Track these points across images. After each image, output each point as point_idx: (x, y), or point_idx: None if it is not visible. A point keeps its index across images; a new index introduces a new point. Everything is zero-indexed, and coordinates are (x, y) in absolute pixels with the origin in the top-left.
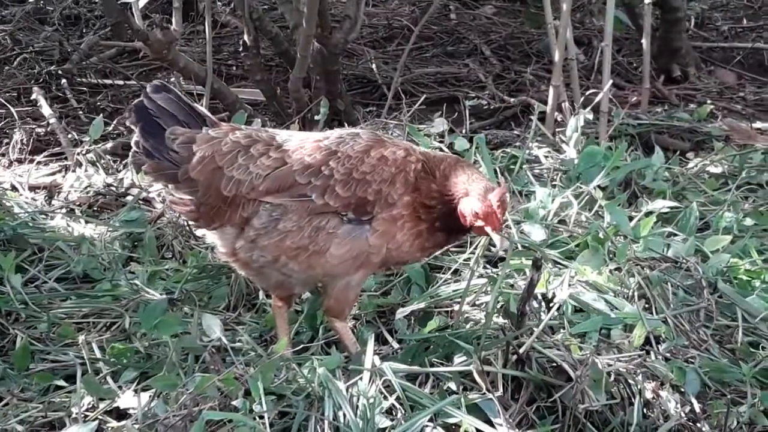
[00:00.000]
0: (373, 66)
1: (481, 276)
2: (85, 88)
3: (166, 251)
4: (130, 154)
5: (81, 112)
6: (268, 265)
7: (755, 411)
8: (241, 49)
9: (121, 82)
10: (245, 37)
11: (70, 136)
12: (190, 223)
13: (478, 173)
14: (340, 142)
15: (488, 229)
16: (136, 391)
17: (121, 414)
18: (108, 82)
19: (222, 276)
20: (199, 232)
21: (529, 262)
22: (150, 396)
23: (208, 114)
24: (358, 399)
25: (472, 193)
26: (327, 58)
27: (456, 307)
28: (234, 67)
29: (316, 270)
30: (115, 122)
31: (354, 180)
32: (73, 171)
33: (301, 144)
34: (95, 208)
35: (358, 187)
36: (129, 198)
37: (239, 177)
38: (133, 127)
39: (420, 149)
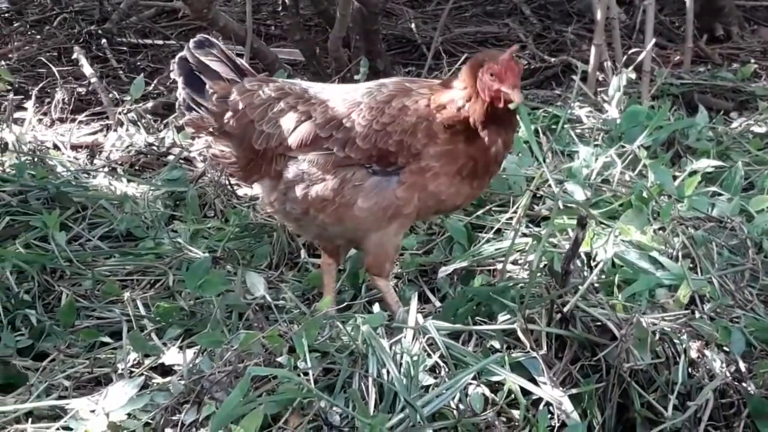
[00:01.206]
0: (413, 26)
1: (524, 235)
2: (125, 48)
3: (209, 210)
4: (176, 106)
5: (121, 72)
6: (302, 218)
7: None
8: (280, 8)
9: (160, 42)
10: None
11: (111, 95)
12: (232, 179)
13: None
14: (366, 93)
15: (506, 87)
16: (181, 347)
17: (166, 370)
18: (148, 41)
19: (264, 234)
20: (241, 191)
21: (573, 222)
22: (195, 353)
23: (249, 69)
24: (402, 357)
25: (488, 60)
26: (366, 18)
27: (499, 266)
28: (273, 27)
29: (346, 223)
30: (155, 82)
31: (374, 131)
32: (115, 130)
33: (329, 97)
34: (137, 167)
35: (379, 139)
36: (170, 157)
37: (269, 131)
38: (176, 78)
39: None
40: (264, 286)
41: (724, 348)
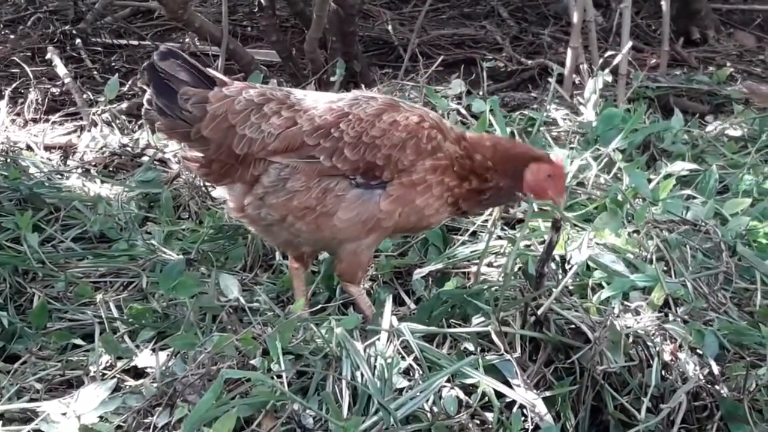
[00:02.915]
0: (390, 27)
1: (499, 238)
2: (99, 48)
3: (183, 211)
4: (143, 110)
5: (96, 72)
6: (276, 224)
7: None
8: (256, 9)
9: (135, 43)
10: None
11: (85, 96)
12: (204, 180)
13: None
14: (353, 104)
15: (555, 192)
16: (153, 350)
17: (138, 373)
18: (123, 42)
19: (239, 236)
20: (216, 193)
21: (548, 224)
22: (168, 355)
23: (219, 75)
24: (376, 359)
25: (542, 158)
26: (343, 19)
27: (473, 269)
28: (249, 28)
29: (323, 232)
30: (130, 82)
31: (363, 144)
32: (89, 131)
33: (314, 104)
34: (111, 169)
35: (367, 151)
36: (145, 158)
37: (251, 135)
38: (146, 87)
39: (436, 117)
40: (238, 288)
41: (698, 351)
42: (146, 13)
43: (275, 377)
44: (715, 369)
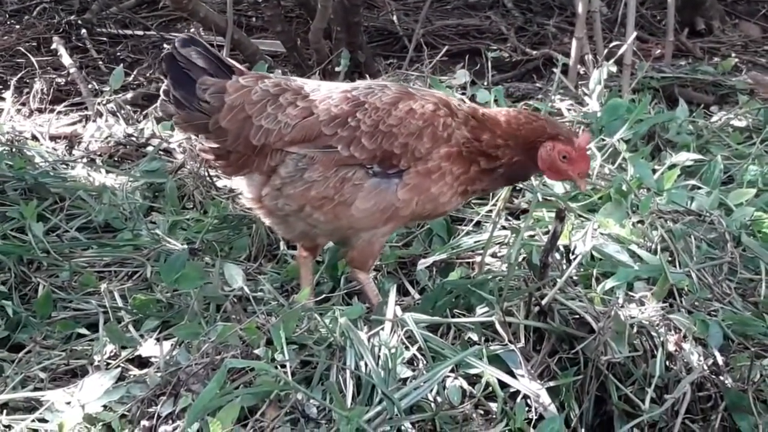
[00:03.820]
0: (394, 17)
1: (503, 228)
2: (104, 38)
3: (187, 201)
4: (159, 102)
5: (101, 62)
6: (293, 214)
7: None
8: None
9: (140, 33)
10: None
11: (90, 86)
12: (218, 170)
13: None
14: (368, 93)
15: (577, 176)
16: (158, 339)
17: (143, 362)
18: (128, 32)
19: (243, 226)
20: (221, 183)
21: (552, 214)
22: (172, 345)
23: (237, 65)
24: (380, 349)
25: (559, 136)
26: (348, 9)
27: (477, 259)
28: (254, 18)
29: (341, 221)
30: (135, 73)
31: (380, 132)
32: (94, 121)
33: (329, 94)
34: (116, 158)
35: (384, 140)
36: (149, 148)
37: (268, 126)
38: (163, 77)
39: (454, 100)
40: (242, 277)
41: (702, 341)
42: (151, 3)
43: (279, 367)
44: (720, 359)
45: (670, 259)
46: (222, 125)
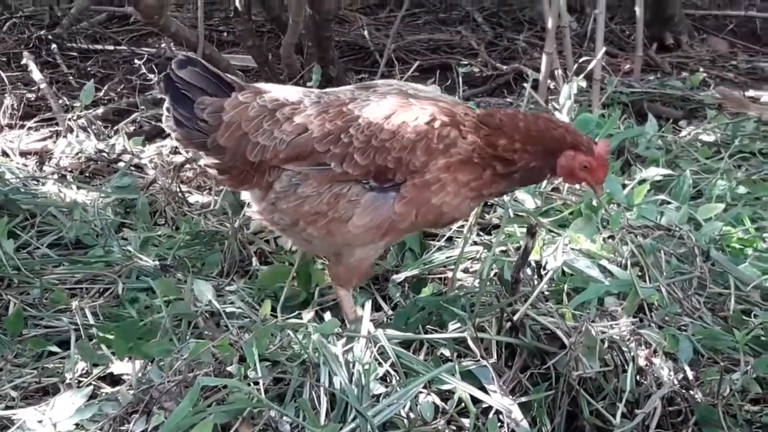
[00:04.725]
0: (366, 32)
1: (474, 243)
2: (75, 54)
3: (159, 217)
4: (163, 118)
5: (71, 78)
6: (288, 229)
7: (748, 378)
8: (232, 14)
9: (111, 48)
10: (237, 3)
11: (60, 101)
12: (222, 184)
13: (554, 118)
14: (364, 105)
15: (596, 184)
16: (130, 357)
17: (115, 380)
18: (98, 47)
19: (215, 242)
20: (192, 198)
21: (523, 230)
22: (144, 362)
23: (237, 80)
24: (353, 365)
25: (580, 146)
26: (319, 24)
27: (449, 274)
28: (225, 33)
29: (335, 237)
30: (105, 88)
31: (373, 147)
32: (64, 137)
33: (326, 107)
34: (87, 174)
35: (377, 155)
36: (121, 164)
37: (264, 143)
38: (162, 95)
39: (460, 108)
40: (212, 293)
41: (673, 356)
42: (122, 18)
43: (252, 384)
44: (690, 374)
45: (640, 274)
46: (220, 143)
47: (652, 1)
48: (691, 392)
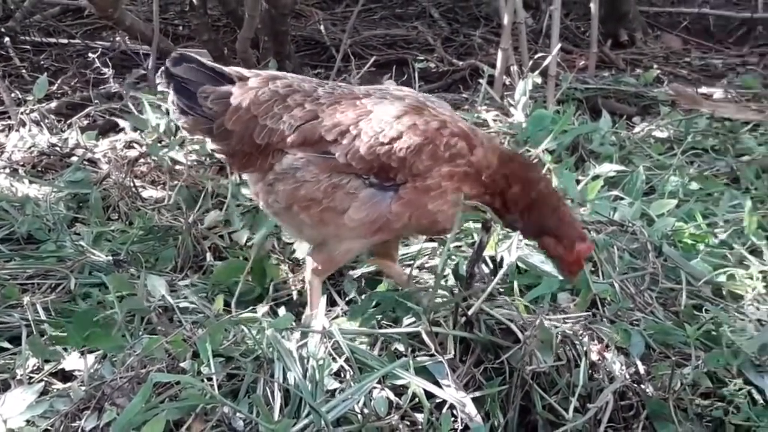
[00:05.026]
0: (322, 27)
1: (430, 240)
2: (28, 47)
3: (112, 212)
4: (171, 108)
5: (24, 71)
6: (282, 213)
7: (698, 373)
8: (188, 8)
9: (65, 41)
10: None
11: (13, 95)
12: (229, 168)
13: (570, 213)
14: (377, 102)
15: (564, 272)
16: (82, 353)
17: (66, 376)
18: (52, 40)
19: (169, 237)
20: (146, 193)
21: (478, 226)
22: (96, 358)
23: (234, 71)
24: (308, 361)
25: (563, 240)
26: (275, 19)
27: (406, 270)
28: (181, 27)
29: (328, 226)
30: (59, 81)
31: (379, 144)
32: (17, 130)
33: (339, 99)
34: (39, 169)
35: (383, 152)
36: (74, 158)
37: (272, 126)
38: (165, 88)
39: (465, 126)
40: (165, 287)
41: (624, 350)
42: (76, 12)
43: (205, 380)
44: (641, 368)
45: (593, 269)
46: (227, 127)
47: None
48: (643, 386)
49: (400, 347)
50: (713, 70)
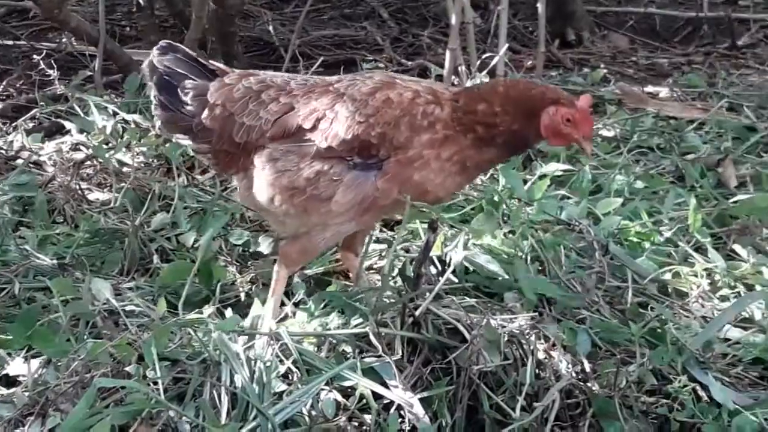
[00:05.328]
0: (270, 28)
1: (377, 241)
2: None
3: (58, 215)
4: (152, 105)
5: None
6: (265, 207)
7: (644, 370)
8: (135, 9)
9: (10, 43)
10: None
11: None
12: (215, 170)
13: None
14: (350, 84)
15: (583, 138)
16: (26, 358)
17: (10, 381)
18: None
19: (115, 240)
20: (92, 196)
21: (425, 226)
22: (40, 363)
23: (221, 66)
24: (255, 363)
25: (560, 100)
26: (223, 20)
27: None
28: (128, 28)
29: (311, 216)
30: (4, 83)
31: (357, 123)
32: None
33: (312, 88)
34: None
35: (361, 130)
36: (19, 161)
37: (250, 123)
38: (148, 82)
39: (440, 86)
40: (110, 291)
41: (571, 349)
42: (21, 13)
43: (151, 384)
44: (587, 366)
45: (540, 268)
46: (206, 125)
47: None
48: (589, 384)
49: (348, 348)
50: (659, 69)
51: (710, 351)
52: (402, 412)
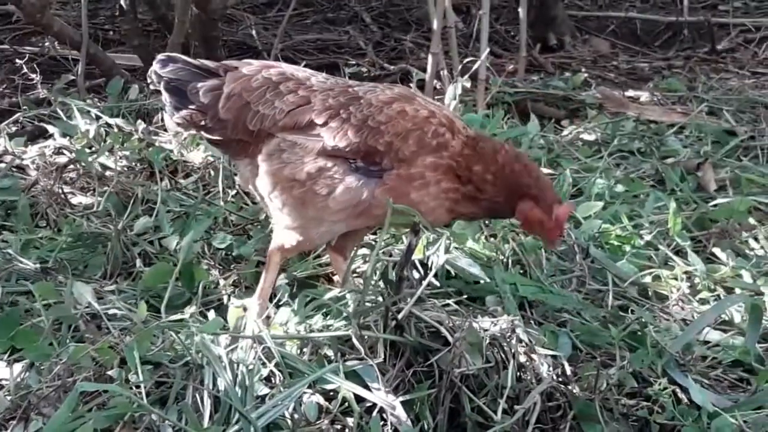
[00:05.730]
0: (253, 32)
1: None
2: None
3: (40, 219)
4: (164, 108)
5: None
6: (266, 196)
7: (624, 373)
8: (118, 13)
9: None
10: (122, 2)
11: None
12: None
13: (542, 173)
14: (369, 90)
15: (545, 238)
16: (8, 362)
17: None
18: None
19: (98, 244)
20: (75, 200)
21: (407, 229)
22: (22, 367)
23: (221, 64)
24: (238, 366)
25: (540, 201)
26: (206, 24)
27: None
28: (111, 32)
29: (307, 209)
30: None
31: (368, 127)
32: None
33: (331, 86)
34: None
35: (370, 135)
36: (1, 165)
37: (264, 111)
38: (156, 87)
39: (459, 122)
40: (91, 294)
41: (552, 352)
42: (4, 17)
43: (133, 387)
44: (568, 369)
45: (521, 271)
46: (221, 116)
47: (535, 2)
48: (570, 387)
49: (330, 352)
50: (640, 73)
51: (690, 353)
52: (384, 415)
